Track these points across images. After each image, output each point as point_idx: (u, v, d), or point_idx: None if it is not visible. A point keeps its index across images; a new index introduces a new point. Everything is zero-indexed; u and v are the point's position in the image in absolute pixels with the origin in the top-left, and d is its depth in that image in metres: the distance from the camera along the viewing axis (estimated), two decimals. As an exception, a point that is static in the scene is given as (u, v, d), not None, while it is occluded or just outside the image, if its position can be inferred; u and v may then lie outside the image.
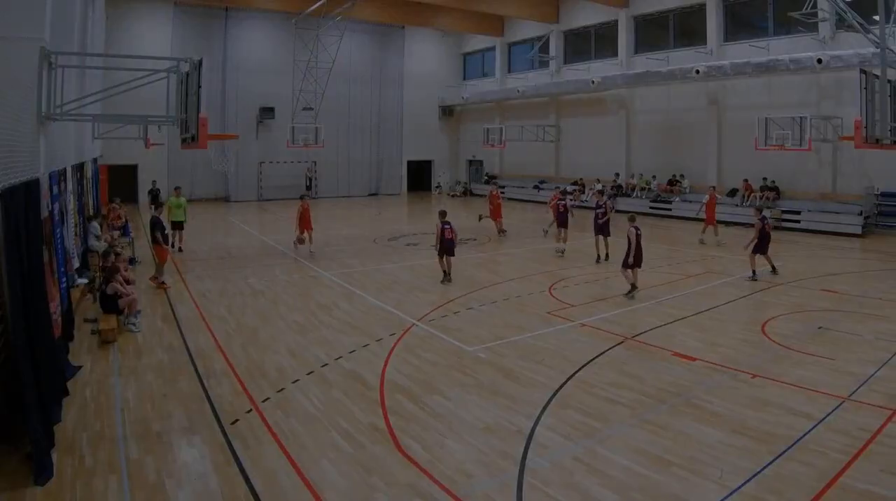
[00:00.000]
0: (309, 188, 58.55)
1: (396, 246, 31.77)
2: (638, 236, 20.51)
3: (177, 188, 30.65)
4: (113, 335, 16.16)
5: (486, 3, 53.08)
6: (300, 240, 28.65)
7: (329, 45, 50.04)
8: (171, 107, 17.91)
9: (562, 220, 28.98)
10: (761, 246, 23.74)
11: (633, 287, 20.59)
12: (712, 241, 30.80)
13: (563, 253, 28.13)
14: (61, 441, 10.50)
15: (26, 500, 8.79)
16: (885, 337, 16.16)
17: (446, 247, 22.88)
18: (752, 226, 23.98)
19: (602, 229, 26.95)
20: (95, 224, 25.58)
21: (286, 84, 53.40)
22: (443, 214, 23.66)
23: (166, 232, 23.06)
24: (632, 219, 21.07)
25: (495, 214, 34.27)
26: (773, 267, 24.18)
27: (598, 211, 27.09)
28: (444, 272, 23.04)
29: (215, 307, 19.98)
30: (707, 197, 31.47)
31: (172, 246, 27.39)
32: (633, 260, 20.45)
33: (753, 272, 23.63)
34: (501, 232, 33.97)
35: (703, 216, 32.10)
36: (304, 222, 28.63)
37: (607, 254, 26.73)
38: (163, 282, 22.21)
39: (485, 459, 10.04)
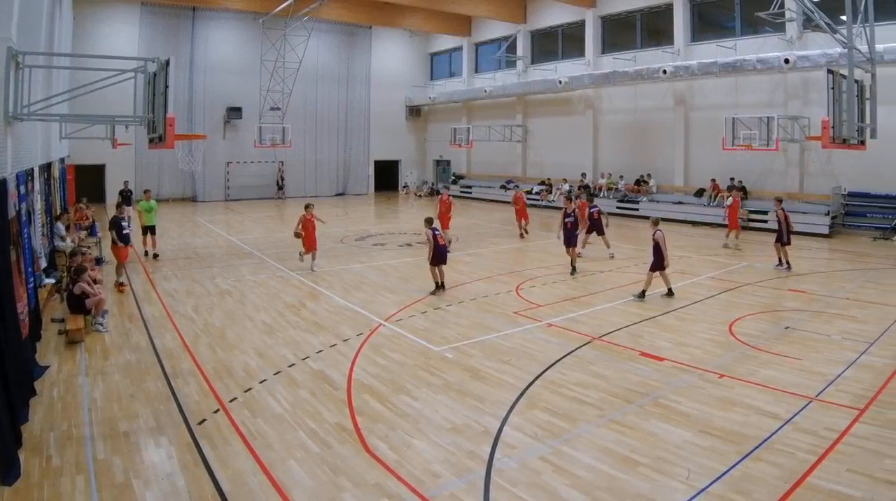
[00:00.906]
0: (281, 188, 58.86)
1: (363, 246, 31.71)
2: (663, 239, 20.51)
3: (146, 191, 29.80)
4: (80, 335, 16.11)
5: (454, 2, 52.96)
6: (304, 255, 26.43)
7: (296, 45, 50.33)
8: (139, 107, 17.87)
9: (596, 227, 28.28)
10: (783, 236, 24.85)
11: (643, 293, 20.63)
12: (733, 245, 30.31)
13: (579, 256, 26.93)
14: (29, 440, 10.49)
15: (-7, 500, 8.76)
16: (852, 337, 16.28)
17: (441, 255, 21.82)
18: (723, 226, 24.03)
19: (570, 239, 24.65)
20: (60, 224, 25.32)
21: (253, 84, 53.38)
22: (430, 221, 22.37)
23: (125, 231, 22.60)
24: (655, 223, 20.99)
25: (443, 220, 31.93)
26: (788, 264, 25.05)
27: (567, 219, 24.73)
28: (438, 283, 21.83)
29: (182, 307, 19.93)
30: (730, 200, 30.96)
31: (146, 253, 27.15)
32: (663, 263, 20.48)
33: (783, 262, 24.99)
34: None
35: (726, 221, 31.84)
36: (309, 238, 25.48)
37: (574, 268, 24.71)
38: (121, 284, 22.02)
39: (452, 459, 10.06)
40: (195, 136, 49.52)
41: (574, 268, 24.41)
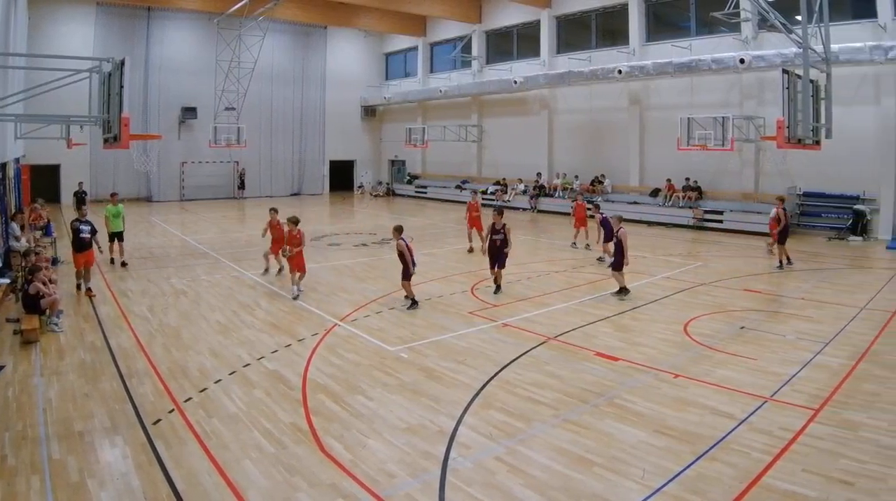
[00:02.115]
0: (242, 187, 58.84)
1: (318, 246, 31.47)
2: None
3: (113, 194, 29.11)
4: (35, 335, 16.01)
5: (409, 3, 53.16)
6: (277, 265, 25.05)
7: (251, 45, 50.29)
8: (94, 107, 17.74)
9: (610, 231, 25.69)
10: (783, 235, 25.05)
11: (625, 289, 20.58)
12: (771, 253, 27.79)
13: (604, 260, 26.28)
14: (-18, 441, 10.41)
15: (-53, 501, 8.66)
16: (807, 337, 16.38)
17: (411, 268, 19.95)
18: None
19: (499, 258, 21.37)
20: (15, 224, 24.90)
21: (208, 84, 53.36)
22: (400, 230, 20.19)
23: (82, 235, 21.75)
24: (619, 221, 20.94)
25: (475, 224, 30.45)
26: (789, 259, 25.46)
27: (495, 236, 21.37)
28: (413, 298, 19.90)
29: (137, 307, 19.80)
30: (774, 211, 27.23)
31: (112, 261, 26.08)
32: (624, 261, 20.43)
33: (782, 263, 25.19)
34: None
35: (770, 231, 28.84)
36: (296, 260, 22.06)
37: (499, 286, 21.74)
38: (88, 290, 21.31)
39: (407, 459, 10.04)
40: (150, 136, 49.35)
41: (498, 287, 21.48)
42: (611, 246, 24.80)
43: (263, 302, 20.66)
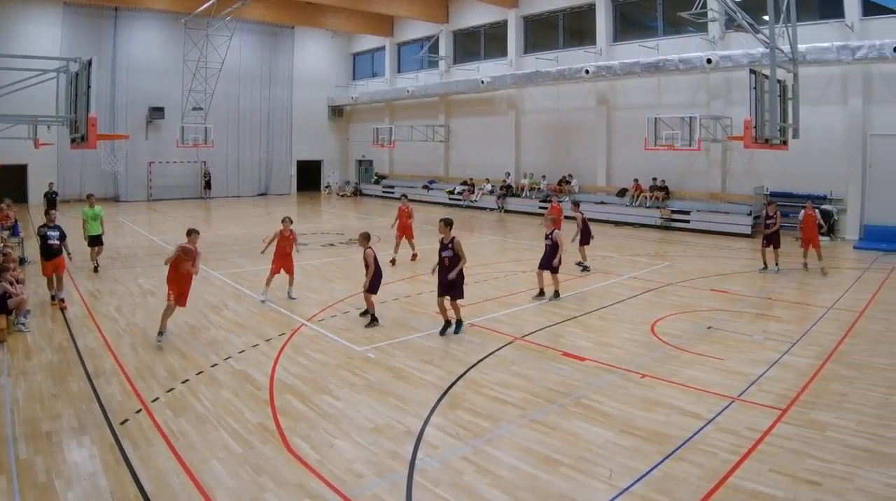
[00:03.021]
0: (208, 188, 58.73)
1: None
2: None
3: (89, 196, 26.93)
4: (2, 335, 15.88)
5: (376, 2, 53.22)
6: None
7: (218, 45, 50.38)
8: (61, 107, 17.65)
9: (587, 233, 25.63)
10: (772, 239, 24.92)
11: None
12: (815, 266, 25.38)
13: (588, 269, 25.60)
14: (-51, 441, 10.35)
15: (-88, 502, 8.59)
16: (774, 337, 16.46)
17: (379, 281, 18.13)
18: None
19: (447, 286, 16.85)
20: (-20, 225, 24.60)
21: (176, 84, 53.31)
22: (368, 237, 18.20)
23: (50, 242, 20.31)
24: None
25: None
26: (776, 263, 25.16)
27: (444, 254, 16.86)
28: (374, 315, 17.90)
29: (105, 307, 19.73)
30: (801, 214, 25.74)
31: (96, 269, 24.81)
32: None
33: (766, 265, 25.16)
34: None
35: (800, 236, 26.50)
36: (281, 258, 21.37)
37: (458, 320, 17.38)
38: (58, 299, 20.06)
39: (374, 459, 10.02)
40: (117, 136, 49.28)
41: (449, 324, 17.03)
42: (585, 248, 24.94)
43: (231, 302, 20.61)
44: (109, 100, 52.68)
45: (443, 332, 16.80)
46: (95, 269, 24.79)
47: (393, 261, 25.98)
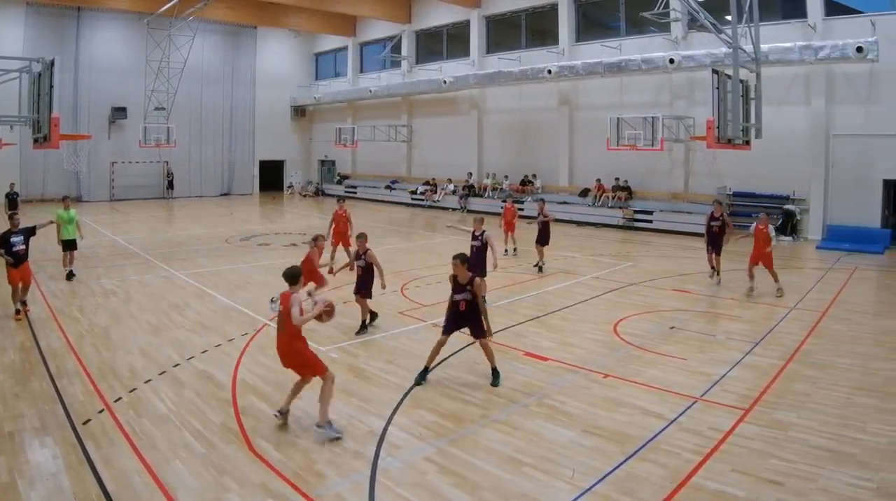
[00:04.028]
0: (170, 188, 58.57)
1: (249, 246, 31.65)
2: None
3: (65, 198, 25.98)
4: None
5: (338, 3, 53.22)
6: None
7: (181, 45, 50.64)
8: (24, 107, 17.55)
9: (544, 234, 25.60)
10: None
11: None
12: (769, 289, 21.88)
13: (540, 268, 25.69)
14: (-88, 441, 10.27)
15: None
16: (737, 337, 16.54)
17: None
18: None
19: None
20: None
21: (138, 84, 53.18)
22: (366, 237, 17.66)
23: (15, 249, 18.94)
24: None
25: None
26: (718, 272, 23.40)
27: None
28: (365, 322, 17.44)
29: (67, 307, 19.60)
30: (752, 227, 22.45)
31: (70, 276, 23.64)
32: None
33: (713, 269, 23.24)
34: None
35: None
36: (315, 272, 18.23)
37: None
38: (17, 310, 18.86)
39: (337, 459, 10.02)
40: (80, 136, 49.36)
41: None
42: (545, 249, 24.91)
43: (194, 302, 20.49)
44: (72, 100, 52.59)
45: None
46: (69, 276, 23.64)
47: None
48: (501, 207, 31.08)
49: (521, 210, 36.23)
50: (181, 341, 16.29)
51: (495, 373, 13.45)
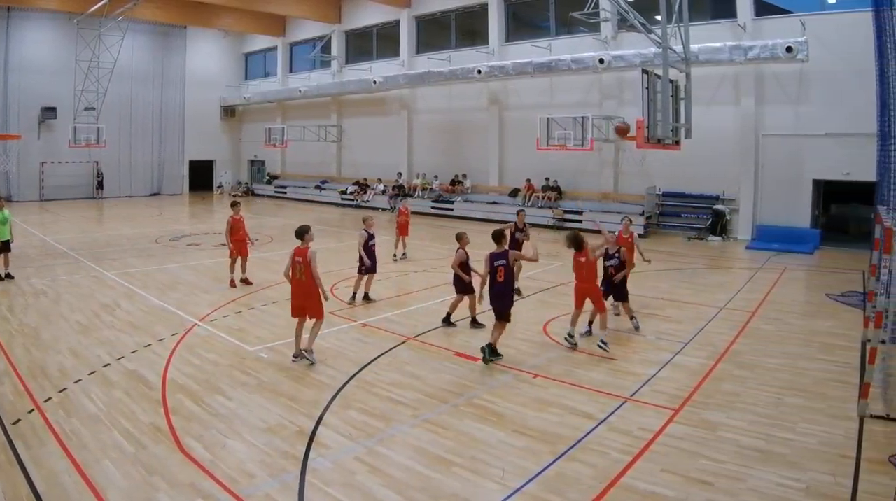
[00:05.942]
0: (100, 188, 58.34)
1: (178, 246, 31.63)
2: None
3: None
4: None
5: (268, 3, 53.20)
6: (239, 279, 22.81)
7: (111, 45, 50.18)
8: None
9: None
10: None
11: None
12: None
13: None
14: None
15: None
16: (666, 337, 16.71)
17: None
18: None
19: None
20: None
21: (68, 84, 52.48)
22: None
23: None
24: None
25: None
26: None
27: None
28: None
29: (-4, 307, 19.55)
30: (615, 233, 20.24)
31: (5, 278, 23.12)
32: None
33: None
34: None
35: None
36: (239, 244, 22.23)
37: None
38: None
39: (267, 459, 10.03)
40: (9, 137, 49.41)
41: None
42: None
43: (124, 302, 20.33)
44: (1, 100, 52.63)
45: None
46: (9, 276, 23.22)
47: (232, 283, 22.44)
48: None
49: (451, 210, 36.15)
50: (111, 341, 16.18)
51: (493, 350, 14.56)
